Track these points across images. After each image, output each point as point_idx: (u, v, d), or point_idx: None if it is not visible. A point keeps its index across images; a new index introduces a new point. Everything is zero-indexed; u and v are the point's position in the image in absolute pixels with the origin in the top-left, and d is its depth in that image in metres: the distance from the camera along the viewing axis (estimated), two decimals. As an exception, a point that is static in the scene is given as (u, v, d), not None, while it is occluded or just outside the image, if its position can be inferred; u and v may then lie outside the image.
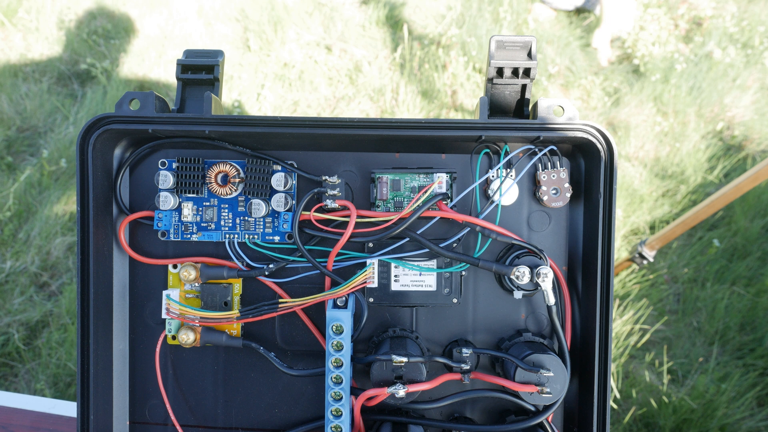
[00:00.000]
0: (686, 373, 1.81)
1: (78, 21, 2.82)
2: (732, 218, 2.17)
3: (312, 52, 2.87)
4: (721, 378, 1.79)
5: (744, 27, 2.90)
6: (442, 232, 0.62)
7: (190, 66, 0.61)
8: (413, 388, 0.56)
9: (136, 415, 0.65)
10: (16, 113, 2.39)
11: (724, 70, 2.77)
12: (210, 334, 0.62)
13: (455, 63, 2.80)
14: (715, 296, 2.00)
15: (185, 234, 0.62)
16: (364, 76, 2.78)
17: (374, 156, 0.63)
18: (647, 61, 2.81)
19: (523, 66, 0.57)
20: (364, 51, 2.89)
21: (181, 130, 0.58)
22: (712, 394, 1.73)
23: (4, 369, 1.72)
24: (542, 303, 0.64)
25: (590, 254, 0.60)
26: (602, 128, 0.56)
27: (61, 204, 2.10)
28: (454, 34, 2.86)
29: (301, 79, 2.78)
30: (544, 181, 0.60)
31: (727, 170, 2.36)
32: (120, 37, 2.80)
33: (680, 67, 2.75)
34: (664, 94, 2.70)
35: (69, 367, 1.71)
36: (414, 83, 2.74)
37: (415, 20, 2.94)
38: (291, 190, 0.62)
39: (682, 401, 1.68)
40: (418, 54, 2.80)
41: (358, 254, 0.61)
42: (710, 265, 2.09)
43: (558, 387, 0.57)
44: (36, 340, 1.78)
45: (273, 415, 0.65)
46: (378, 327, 0.64)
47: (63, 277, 1.94)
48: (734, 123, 2.61)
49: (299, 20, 2.94)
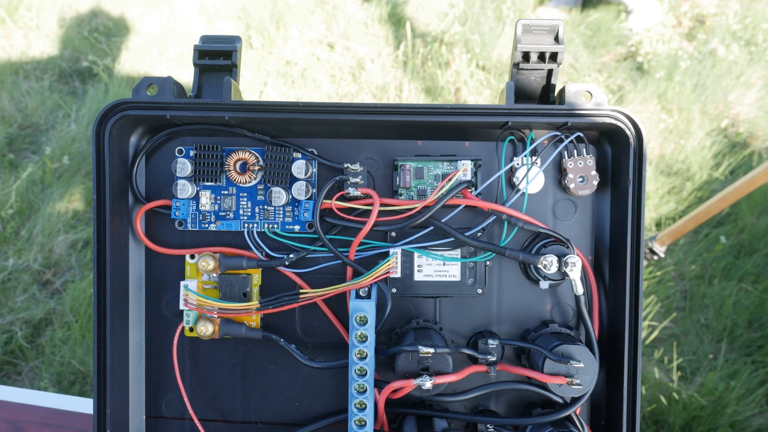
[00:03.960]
0: (695, 370, 1.80)
1: (79, 18, 2.81)
2: (738, 215, 2.16)
3: (314, 49, 2.86)
4: (730, 375, 1.77)
5: (747, 24, 2.89)
6: (466, 221, 0.61)
7: (207, 52, 0.59)
8: (440, 380, 0.55)
9: (152, 410, 0.64)
10: (18, 111, 2.37)
11: (728, 68, 2.76)
12: (229, 326, 0.60)
13: (458, 60, 2.79)
14: (722, 293, 1.99)
15: (203, 223, 0.61)
16: (367, 74, 2.77)
17: (396, 143, 0.61)
18: (651, 59, 2.80)
19: (549, 50, 0.56)
20: (367, 48, 2.88)
21: (200, 116, 0.57)
22: (722, 391, 1.72)
23: (8, 367, 1.70)
24: (567, 293, 0.62)
25: (618, 243, 0.58)
26: (631, 114, 0.55)
27: (64, 201, 2.08)
28: (457, 32, 2.84)
29: (303, 76, 2.77)
30: (571, 169, 0.59)
31: (732, 167, 2.35)
32: (121, 35, 2.79)
33: (684, 65, 2.74)
34: (668, 92, 2.69)
35: (73, 365, 1.69)
36: (417, 80, 2.72)
37: (417, 18, 2.93)
38: (312, 178, 0.60)
39: (692, 398, 1.67)
40: (421, 51, 2.78)
41: (381, 243, 0.60)
42: (717, 261, 2.08)
43: (587, 378, 0.56)
44: (39, 338, 1.76)
45: (293, 408, 0.63)
46: (400, 318, 0.62)
47: (66, 275, 1.92)
48: (739, 120, 2.60)
49: (301, 18, 2.93)
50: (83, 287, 1.84)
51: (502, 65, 2.75)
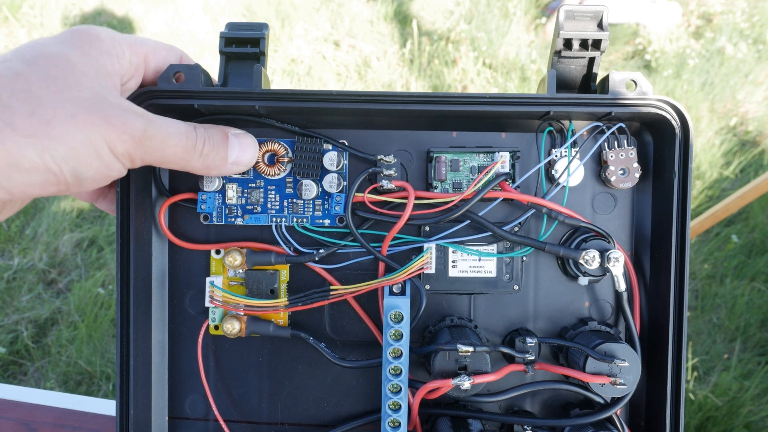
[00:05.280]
0: (708, 370, 1.78)
1: (83, 17, 2.78)
2: (750, 214, 2.15)
3: (320, 47, 2.84)
4: (743, 375, 1.76)
5: (755, 23, 2.87)
6: (501, 215, 0.59)
7: (234, 39, 0.57)
8: (479, 379, 0.52)
9: (175, 410, 0.61)
10: (22, 108, 2.35)
11: (736, 66, 2.74)
12: (256, 324, 0.58)
13: (465, 58, 2.77)
14: (734, 292, 1.97)
15: (229, 217, 0.59)
16: (373, 72, 2.74)
17: (429, 135, 0.59)
18: (658, 57, 2.78)
19: (593, 37, 0.54)
20: (373, 46, 2.86)
21: (228, 106, 0.55)
22: (736, 392, 1.70)
23: (14, 367, 1.68)
24: (605, 290, 0.60)
25: (661, 237, 0.56)
26: (677, 103, 0.53)
27: (69, 200, 2.06)
28: (463, 30, 2.82)
29: (309, 74, 2.75)
30: (612, 161, 0.57)
31: (743, 165, 2.33)
32: (126, 33, 2.76)
33: (692, 63, 2.73)
34: (676, 90, 2.67)
35: (79, 365, 1.67)
36: (424, 78, 2.70)
37: (423, 16, 2.91)
38: (343, 170, 0.58)
39: (706, 398, 1.65)
40: (427, 49, 2.76)
41: (414, 238, 0.58)
42: (728, 261, 2.06)
43: (631, 378, 0.54)
44: (45, 338, 1.74)
45: (321, 409, 0.61)
46: (432, 315, 0.60)
47: (71, 274, 1.90)
48: (747, 118, 2.58)
49: (306, 16, 2.91)
50: (89, 287, 1.82)
51: (509, 63, 2.73)
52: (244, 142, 0.52)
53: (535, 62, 2.66)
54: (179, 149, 0.46)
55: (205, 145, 0.48)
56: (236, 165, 0.52)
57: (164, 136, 0.44)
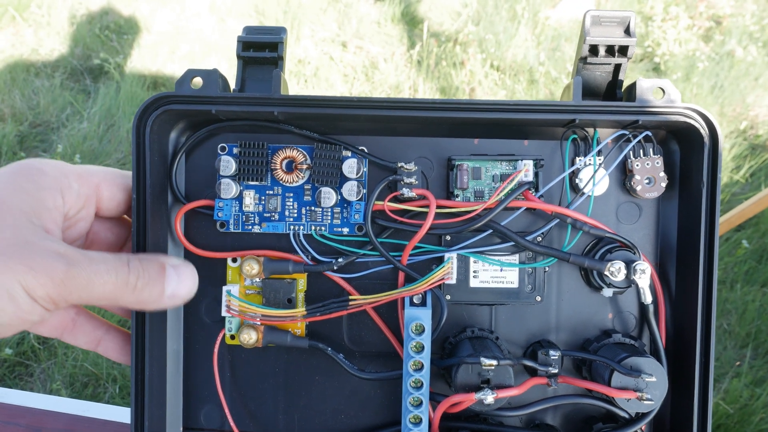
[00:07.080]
0: (719, 376, 1.76)
1: (90, 16, 2.78)
2: (760, 219, 2.13)
3: (327, 48, 2.82)
4: (755, 382, 1.74)
5: (765, 26, 2.85)
6: (524, 224, 0.58)
7: (252, 43, 0.56)
8: (503, 393, 0.51)
9: (190, 421, 0.60)
10: (29, 108, 2.34)
11: (746, 69, 2.72)
12: (273, 334, 0.57)
13: (473, 60, 2.76)
14: (745, 298, 1.95)
15: (246, 225, 0.58)
16: (381, 73, 2.73)
17: (450, 142, 0.58)
18: (667, 60, 2.76)
19: (619, 43, 0.53)
20: (380, 48, 2.84)
21: (246, 111, 0.54)
22: (747, 399, 1.68)
23: (20, 368, 1.67)
24: (629, 301, 0.59)
25: (688, 248, 0.55)
26: (706, 112, 0.52)
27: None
28: (471, 31, 2.81)
29: (316, 76, 2.73)
30: (638, 170, 0.56)
31: (753, 170, 2.31)
32: (132, 33, 2.76)
33: (701, 66, 2.71)
34: (685, 93, 2.65)
35: (85, 367, 1.66)
36: (432, 80, 2.69)
37: (430, 17, 2.90)
38: (362, 178, 0.57)
39: (717, 406, 1.63)
40: (435, 51, 2.75)
41: (435, 248, 0.57)
42: (739, 266, 2.05)
43: (657, 393, 0.52)
44: (52, 340, 1.73)
45: (339, 421, 0.60)
46: (453, 327, 0.59)
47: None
48: (758, 122, 2.56)
49: (314, 17, 2.90)
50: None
51: (517, 65, 2.72)
52: (183, 273, 0.49)
53: (543, 64, 2.65)
54: (109, 286, 0.42)
55: (138, 280, 0.45)
56: (172, 299, 0.48)
57: (90, 274, 0.41)
